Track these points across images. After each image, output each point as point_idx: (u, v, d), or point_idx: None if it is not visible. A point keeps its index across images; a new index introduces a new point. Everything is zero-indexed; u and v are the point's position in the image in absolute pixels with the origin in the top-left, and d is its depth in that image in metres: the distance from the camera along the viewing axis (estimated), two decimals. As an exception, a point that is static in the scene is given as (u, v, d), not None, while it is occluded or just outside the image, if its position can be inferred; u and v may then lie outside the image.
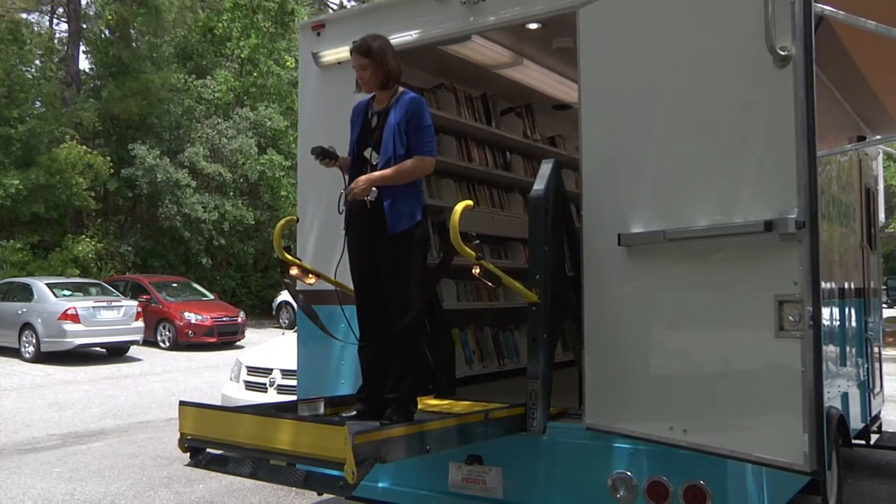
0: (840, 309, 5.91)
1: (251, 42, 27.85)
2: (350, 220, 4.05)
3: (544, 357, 3.76)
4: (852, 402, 6.25)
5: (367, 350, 4.02)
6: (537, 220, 3.77)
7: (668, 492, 3.64)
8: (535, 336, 3.78)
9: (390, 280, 3.92)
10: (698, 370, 3.30)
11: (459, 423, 3.76)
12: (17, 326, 16.10)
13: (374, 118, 4.05)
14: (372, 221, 3.89)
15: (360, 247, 4.02)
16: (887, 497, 6.45)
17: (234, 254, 27.22)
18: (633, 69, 3.56)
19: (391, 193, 3.86)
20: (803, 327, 2.91)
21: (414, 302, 3.88)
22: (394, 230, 3.84)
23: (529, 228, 3.83)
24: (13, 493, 6.55)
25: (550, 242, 3.81)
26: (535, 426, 3.75)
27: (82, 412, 10.56)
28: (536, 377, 3.74)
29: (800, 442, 2.90)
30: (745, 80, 3.11)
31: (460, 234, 3.65)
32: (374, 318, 4.01)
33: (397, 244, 3.87)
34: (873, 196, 7.88)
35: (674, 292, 3.37)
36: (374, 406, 3.89)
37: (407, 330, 3.85)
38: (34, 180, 21.80)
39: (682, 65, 3.36)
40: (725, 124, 3.21)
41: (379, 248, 3.92)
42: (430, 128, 4.01)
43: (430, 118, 4.03)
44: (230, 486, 6.65)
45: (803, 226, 2.88)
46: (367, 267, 4.01)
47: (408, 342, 3.88)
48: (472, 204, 3.85)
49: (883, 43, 3.57)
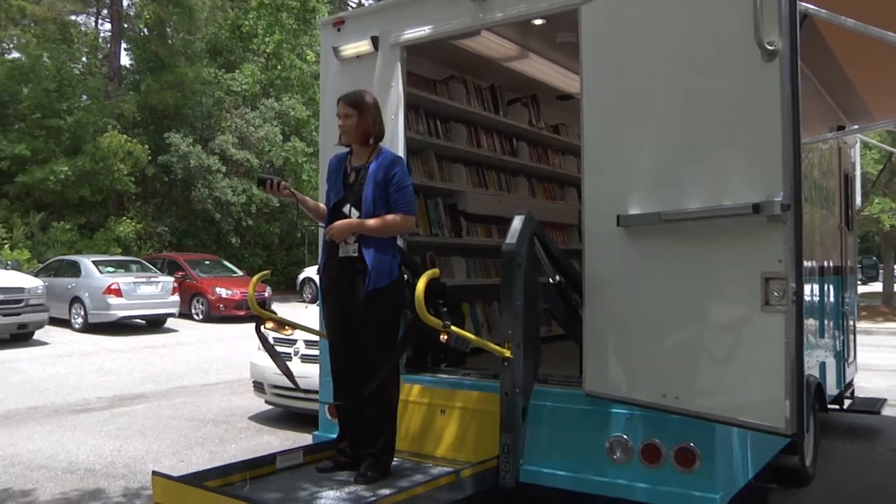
0: (820, 285, 5.88)
1: (276, 38, 27.82)
2: (328, 272, 3.82)
3: (517, 411, 3.53)
4: (829, 371, 6.25)
5: (343, 407, 3.86)
6: (510, 274, 3.53)
7: (661, 453, 3.63)
8: (507, 390, 3.52)
9: (364, 336, 3.70)
10: (690, 342, 3.27)
11: (423, 493, 3.38)
12: (68, 300, 16.19)
13: (352, 174, 3.84)
14: (352, 275, 3.69)
15: (337, 303, 3.80)
16: (856, 455, 6.49)
17: (261, 233, 27.31)
18: (631, 62, 3.51)
19: (372, 247, 3.67)
20: (787, 302, 2.88)
21: (386, 360, 3.64)
22: (373, 287, 3.63)
23: (502, 282, 3.59)
24: (69, 448, 6.63)
25: (523, 297, 3.54)
26: (507, 479, 3.51)
27: (126, 377, 10.65)
28: (509, 431, 3.50)
29: (782, 407, 2.88)
30: (735, 73, 3.06)
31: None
32: (348, 377, 3.82)
33: (374, 301, 3.64)
34: (851, 181, 7.83)
35: (668, 269, 3.34)
36: (352, 458, 3.75)
37: (379, 391, 3.64)
38: (81, 167, 21.90)
39: (677, 59, 3.31)
40: (716, 114, 3.17)
41: (355, 303, 3.69)
42: (411, 188, 3.81)
43: (410, 179, 3.84)
44: (260, 446, 6.70)
45: (788, 208, 2.85)
46: (341, 322, 3.80)
47: (380, 402, 3.69)
48: (438, 273, 3.56)
49: (861, 39, 3.52)
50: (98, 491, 5.39)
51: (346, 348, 3.80)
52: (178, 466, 6.03)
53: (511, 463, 3.48)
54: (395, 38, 4.60)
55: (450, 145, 5.78)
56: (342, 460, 3.79)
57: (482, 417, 3.85)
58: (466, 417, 3.97)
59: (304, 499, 3.43)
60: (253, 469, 3.71)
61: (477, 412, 3.92)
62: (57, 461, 6.21)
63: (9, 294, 13.43)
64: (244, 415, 8.04)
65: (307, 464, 3.88)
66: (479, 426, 3.88)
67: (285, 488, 3.55)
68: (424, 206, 5.50)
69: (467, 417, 3.97)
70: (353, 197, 3.78)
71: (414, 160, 5.37)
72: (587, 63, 3.70)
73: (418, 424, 4.14)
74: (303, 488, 3.55)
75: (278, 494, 3.48)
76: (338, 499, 3.43)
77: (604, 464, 3.77)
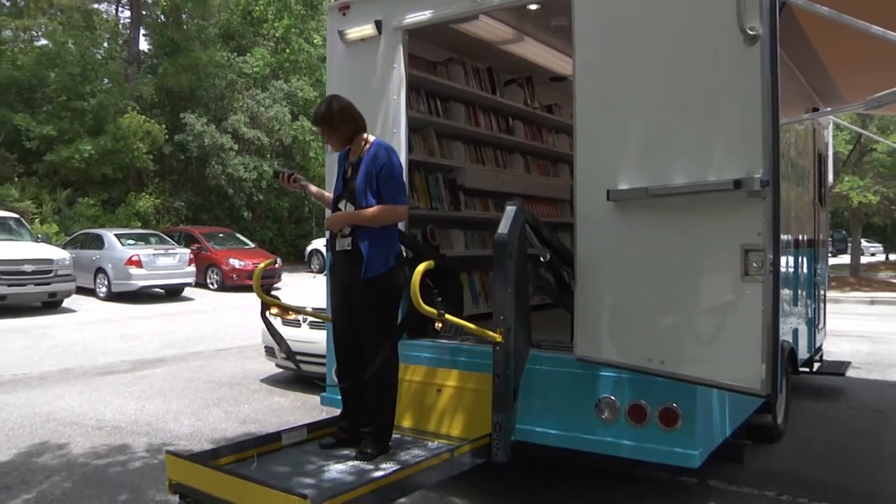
0: (795, 257, 5.87)
1: (284, 23, 27.68)
2: (333, 265, 3.85)
3: (508, 392, 3.48)
4: (801, 336, 6.27)
5: (345, 387, 3.83)
6: (501, 262, 3.45)
7: (646, 413, 3.64)
8: (499, 373, 3.47)
9: (363, 321, 3.68)
10: (674, 309, 3.26)
11: (422, 469, 3.33)
12: (92, 270, 16.19)
13: (349, 169, 3.79)
14: (350, 266, 3.68)
15: (340, 289, 3.80)
16: (822, 413, 6.57)
17: (271, 208, 27.31)
18: (621, 45, 3.45)
19: (367, 238, 3.63)
20: (765, 273, 2.88)
21: (384, 344, 3.65)
22: (367, 275, 3.61)
23: (494, 271, 3.52)
24: (97, 407, 6.67)
25: (514, 284, 3.47)
26: (499, 455, 3.47)
27: (147, 343, 10.66)
28: (501, 411, 3.46)
29: (758, 370, 2.90)
30: (718, 56, 3.02)
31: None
32: (350, 358, 3.80)
33: (370, 287, 3.62)
34: (824, 160, 7.80)
35: (654, 241, 3.31)
36: (352, 435, 3.73)
37: (379, 374, 3.64)
38: (103, 146, 21.88)
39: (664, 43, 3.26)
40: (701, 95, 3.13)
41: (354, 291, 3.68)
42: (399, 178, 3.71)
43: (399, 167, 3.73)
44: (271, 406, 6.73)
45: (767, 184, 2.84)
46: (344, 308, 3.78)
47: (379, 384, 3.67)
48: (433, 264, 3.51)
49: (834, 27, 3.48)
50: (124, 446, 5.43)
51: (348, 333, 3.79)
52: (195, 425, 6.07)
53: (503, 440, 3.46)
54: (398, 22, 4.53)
55: (449, 124, 5.73)
56: (343, 437, 3.77)
57: (476, 396, 3.83)
58: (461, 396, 3.94)
59: (312, 472, 3.42)
60: (260, 446, 3.67)
61: (471, 391, 3.89)
62: (86, 418, 6.25)
63: (40, 265, 13.51)
64: (256, 377, 8.06)
65: (311, 440, 3.85)
66: (473, 404, 3.85)
67: (293, 463, 3.54)
68: (425, 181, 5.47)
69: (462, 396, 3.94)
70: (348, 192, 3.75)
71: (415, 138, 5.33)
72: (579, 46, 3.64)
73: (416, 402, 4.11)
74: (309, 462, 3.54)
75: (287, 468, 3.47)
76: (343, 472, 3.42)
77: (593, 423, 3.78)
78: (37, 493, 4.45)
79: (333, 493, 2.95)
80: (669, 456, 3.61)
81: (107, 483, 4.63)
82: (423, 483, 3.40)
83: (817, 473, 4.86)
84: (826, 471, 4.93)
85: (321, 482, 3.29)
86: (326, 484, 3.27)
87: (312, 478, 3.36)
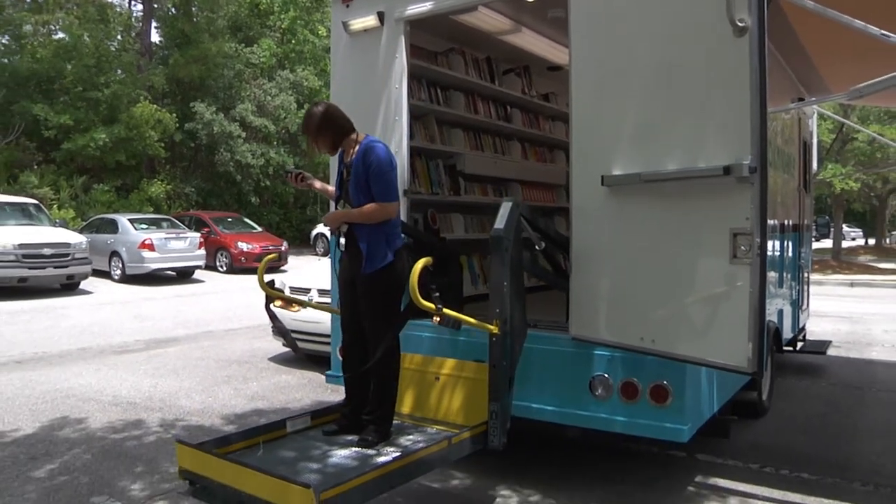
0: (781, 241, 5.86)
1: (290, 15, 27.52)
2: (340, 260, 3.85)
3: (504, 381, 3.47)
4: (786, 317, 6.27)
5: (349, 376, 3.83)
6: (498, 256, 3.42)
7: (638, 390, 3.64)
8: (495, 363, 3.45)
9: (364, 313, 3.68)
10: (665, 290, 3.25)
11: (423, 456, 3.30)
12: (107, 253, 16.15)
13: (344, 171, 3.76)
14: (351, 262, 3.69)
15: (345, 283, 3.80)
16: (804, 390, 6.57)
17: (278, 193, 27.24)
18: (615, 36, 3.41)
19: (364, 235, 3.61)
20: (752, 255, 2.87)
21: (385, 336, 3.62)
22: (367, 270, 3.60)
23: (491, 265, 3.50)
24: (113, 384, 6.69)
25: (510, 278, 3.45)
26: (496, 442, 3.46)
27: (159, 323, 10.67)
28: (497, 400, 3.44)
29: (745, 349, 2.89)
30: (708, 47, 2.99)
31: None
32: (354, 348, 3.79)
33: (371, 282, 3.61)
34: (809, 148, 7.77)
35: (647, 225, 3.29)
36: (355, 421, 3.72)
37: (381, 365, 3.63)
38: (117, 134, 21.82)
39: (657, 34, 3.22)
40: (692, 84, 3.10)
41: (357, 286, 3.69)
42: (388, 175, 3.60)
43: (388, 165, 3.60)
44: (278, 384, 6.74)
45: (755, 171, 2.82)
46: (348, 301, 3.79)
47: (381, 374, 3.67)
48: (431, 261, 3.44)
49: (820, 20, 3.44)
50: (139, 421, 5.44)
51: (354, 328, 3.79)
52: (206, 401, 6.08)
53: (499, 427, 3.44)
54: (400, 13, 4.48)
55: (449, 111, 5.69)
56: (345, 423, 3.76)
57: (473, 385, 3.81)
58: (459, 385, 3.93)
59: (317, 458, 3.40)
60: (266, 433, 3.66)
61: (468, 380, 3.87)
62: (103, 395, 6.26)
63: (58, 249, 13.53)
64: (264, 356, 8.07)
65: (314, 427, 3.83)
66: (471, 393, 3.83)
67: (298, 449, 3.53)
68: (426, 166, 5.44)
69: (459, 385, 3.92)
70: (345, 194, 3.74)
71: (417, 125, 5.29)
72: (575, 37, 3.60)
73: (416, 390, 4.08)
74: (314, 448, 3.53)
75: (292, 454, 3.46)
76: (346, 458, 3.41)
77: (587, 400, 3.78)
78: (60, 464, 4.47)
79: (338, 480, 2.94)
80: (660, 431, 3.61)
81: (123, 455, 4.65)
82: (424, 469, 3.40)
83: (798, 446, 4.88)
84: (807, 444, 4.95)
85: (325, 468, 3.29)
86: (331, 470, 3.26)
87: (317, 463, 3.35)
